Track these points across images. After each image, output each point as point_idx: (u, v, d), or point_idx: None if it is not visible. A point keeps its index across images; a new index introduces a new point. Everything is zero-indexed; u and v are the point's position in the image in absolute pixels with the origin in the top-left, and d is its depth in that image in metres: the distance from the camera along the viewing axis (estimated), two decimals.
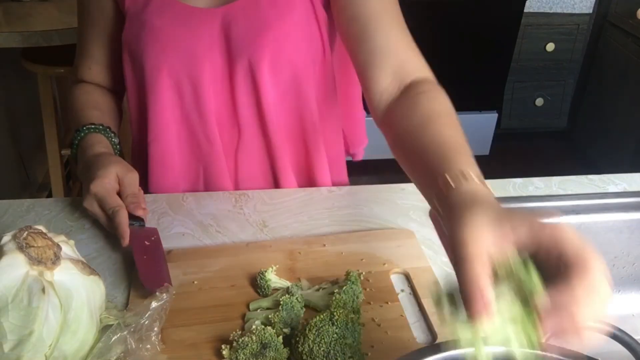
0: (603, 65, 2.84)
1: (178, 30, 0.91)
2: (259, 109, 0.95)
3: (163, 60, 0.91)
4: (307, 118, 0.98)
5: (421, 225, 0.91)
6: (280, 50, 0.91)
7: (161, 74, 0.92)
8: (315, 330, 0.64)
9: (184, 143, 0.98)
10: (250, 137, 0.98)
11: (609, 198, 0.99)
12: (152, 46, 0.91)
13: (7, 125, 2.24)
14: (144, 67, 0.92)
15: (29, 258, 0.60)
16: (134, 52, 0.93)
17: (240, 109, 0.95)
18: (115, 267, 0.80)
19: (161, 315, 0.66)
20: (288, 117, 0.98)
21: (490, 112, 2.87)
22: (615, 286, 0.68)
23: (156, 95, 0.93)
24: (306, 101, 0.97)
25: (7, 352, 0.57)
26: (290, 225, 0.89)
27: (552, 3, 2.76)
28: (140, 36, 0.92)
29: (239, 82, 0.92)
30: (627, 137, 2.63)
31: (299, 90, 0.95)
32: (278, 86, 0.94)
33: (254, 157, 1.00)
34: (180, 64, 0.91)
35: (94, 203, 0.82)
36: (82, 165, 0.89)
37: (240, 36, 0.90)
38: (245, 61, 0.90)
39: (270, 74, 0.91)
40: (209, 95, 0.93)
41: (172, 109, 0.95)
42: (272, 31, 0.89)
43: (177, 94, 0.94)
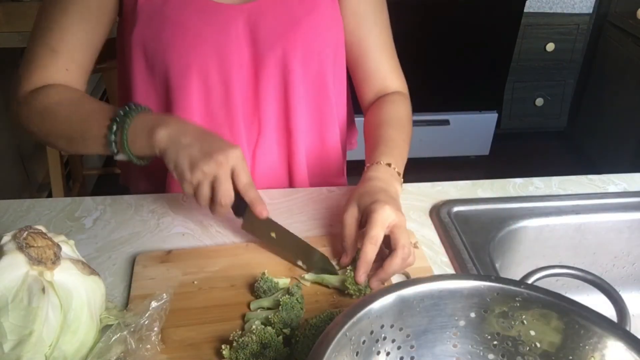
0: (603, 65, 2.83)
1: (204, 27, 0.90)
2: (285, 104, 0.97)
3: (191, 58, 0.90)
4: (326, 114, 1.02)
5: (421, 225, 0.91)
6: (310, 44, 0.93)
7: (190, 72, 0.90)
8: (315, 330, 0.65)
9: None
10: (269, 134, 0.99)
11: (609, 198, 0.99)
12: (179, 44, 0.89)
13: (7, 125, 2.23)
14: (169, 65, 0.90)
15: (29, 258, 0.60)
16: (153, 51, 0.90)
17: (264, 105, 0.96)
18: (115, 267, 0.80)
19: (161, 315, 0.66)
20: (309, 110, 1.00)
21: (490, 112, 2.87)
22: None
23: (184, 93, 0.92)
24: (326, 94, 1.00)
25: (7, 352, 0.57)
26: (290, 225, 0.89)
27: (552, 3, 2.76)
28: (162, 34, 0.89)
29: (267, 78, 0.93)
30: (627, 137, 2.62)
31: (322, 83, 0.98)
32: (306, 80, 0.96)
33: (272, 154, 1.01)
34: (210, 60, 0.90)
35: (228, 166, 0.74)
36: (190, 127, 0.79)
37: (270, 31, 0.91)
38: (278, 55, 0.92)
39: (301, 67, 0.94)
40: (236, 91, 0.94)
41: (198, 107, 0.94)
42: (302, 25, 0.92)
43: (206, 91, 0.93)
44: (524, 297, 0.58)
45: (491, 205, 0.95)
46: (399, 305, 0.57)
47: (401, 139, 0.94)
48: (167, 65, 0.90)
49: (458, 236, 0.87)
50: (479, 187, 1.01)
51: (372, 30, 0.99)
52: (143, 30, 0.90)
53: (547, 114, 3.07)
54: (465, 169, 2.94)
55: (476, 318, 0.60)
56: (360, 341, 0.55)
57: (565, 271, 0.69)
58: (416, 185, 1.01)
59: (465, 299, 0.59)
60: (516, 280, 0.60)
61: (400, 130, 0.96)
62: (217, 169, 0.74)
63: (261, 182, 1.02)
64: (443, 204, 0.95)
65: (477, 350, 0.62)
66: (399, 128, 0.96)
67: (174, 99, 0.93)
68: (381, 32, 1.01)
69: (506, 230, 0.92)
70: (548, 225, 0.94)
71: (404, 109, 1.01)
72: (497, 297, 0.59)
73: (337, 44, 0.99)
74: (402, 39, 2.44)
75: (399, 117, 0.98)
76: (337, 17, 0.97)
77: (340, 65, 1.02)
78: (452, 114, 2.83)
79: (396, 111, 0.99)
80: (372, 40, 1.00)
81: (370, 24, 0.99)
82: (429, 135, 2.85)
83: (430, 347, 0.61)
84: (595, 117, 2.92)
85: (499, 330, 0.60)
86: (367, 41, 1.00)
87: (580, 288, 0.96)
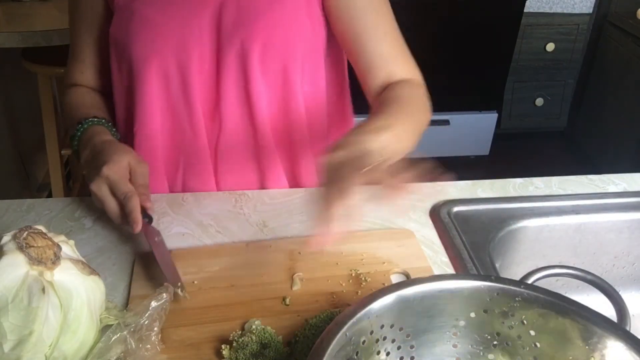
0: (603, 65, 2.83)
1: (168, 20, 0.91)
2: (247, 100, 0.95)
3: (152, 50, 0.91)
4: (293, 112, 0.98)
5: (421, 225, 0.91)
6: (270, 38, 0.91)
7: (150, 63, 0.92)
8: (315, 330, 0.65)
9: (167, 133, 0.98)
10: (233, 129, 0.97)
11: (609, 198, 0.99)
12: (141, 36, 0.91)
13: (7, 125, 2.24)
14: (132, 57, 0.92)
15: (29, 258, 0.60)
16: (121, 43, 0.93)
17: (225, 100, 0.95)
18: (115, 267, 0.80)
19: (161, 315, 0.66)
20: (275, 109, 0.97)
21: (490, 112, 2.87)
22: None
23: (144, 86, 0.93)
24: (293, 95, 0.97)
25: (7, 352, 0.57)
26: (290, 225, 0.89)
27: (552, 3, 2.76)
28: (128, 27, 0.92)
29: (227, 71, 0.92)
30: (627, 137, 2.62)
31: (287, 84, 0.95)
32: (267, 76, 0.94)
33: (237, 151, 0.99)
34: (170, 53, 0.91)
35: (103, 187, 0.80)
36: (90, 151, 0.88)
37: (231, 23, 0.90)
38: (236, 48, 0.91)
39: (260, 62, 0.92)
40: (196, 85, 0.93)
41: (158, 99, 0.95)
42: (263, 19, 0.90)
43: (165, 83, 0.94)
44: (524, 297, 0.58)
45: (491, 205, 0.95)
46: (399, 305, 0.57)
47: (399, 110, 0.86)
48: (130, 57, 0.93)
49: (458, 236, 0.87)
50: (479, 187, 1.01)
51: (367, 18, 0.93)
52: (115, 24, 0.94)
53: (547, 114, 3.07)
54: (465, 169, 2.94)
55: (476, 318, 0.60)
56: (360, 341, 0.55)
57: (565, 271, 0.70)
58: (416, 185, 1.00)
59: (465, 299, 0.59)
60: (516, 280, 0.60)
61: (400, 103, 0.88)
62: (98, 190, 0.81)
63: (227, 179, 1.01)
64: (443, 204, 0.95)
65: (477, 350, 0.62)
66: (398, 102, 0.88)
67: (136, 93, 0.94)
68: (378, 19, 0.94)
69: (506, 230, 0.92)
70: (548, 225, 0.94)
71: (409, 90, 0.93)
72: (497, 297, 0.59)
73: (311, 41, 0.95)
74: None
75: (400, 95, 0.90)
76: (312, 14, 0.94)
77: (315, 64, 0.98)
78: (452, 114, 2.83)
79: (399, 92, 0.91)
80: (368, 29, 0.93)
81: (363, 12, 0.93)
82: (429, 135, 2.81)
83: (430, 347, 0.61)
84: (595, 117, 2.92)
85: (499, 330, 0.60)
86: (363, 30, 0.93)
87: (580, 288, 0.96)
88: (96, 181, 0.80)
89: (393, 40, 0.96)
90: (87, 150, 0.88)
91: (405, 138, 0.81)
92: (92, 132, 0.91)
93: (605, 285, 0.66)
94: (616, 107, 2.74)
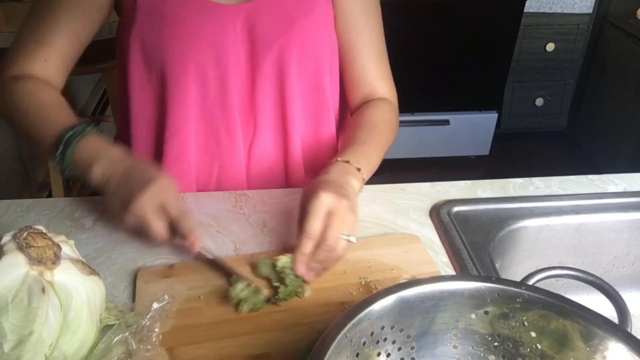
0: (603, 65, 2.83)
1: (202, 24, 0.90)
2: (282, 102, 0.97)
3: (190, 55, 0.90)
4: (323, 114, 1.02)
5: (421, 225, 0.91)
6: (306, 43, 0.94)
7: (187, 68, 0.91)
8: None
9: (201, 138, 0.98)
10: (265, 132, 0.99)
11: (609, 198, 0.99)
12: (177, 41, 0.90)
13: (7, 125, 2.23)
14: (166, 61, 0.91)
15: (29, 258, 0.60)
16: (150, 47, 0.91)
17: (260, 104, 0.96)
18: (115, 267, 0.80)
19: (162, 317, 0.66)
20: (306, 109, 1.00)
21: (490, 112, 2.87)
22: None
23: (180, 90, 0.92)
24: (323, 96, 1.00)
25: (7, 352, 0.57)
26: (290, 225, 0.89)
27: (552, 3, 2.76)
28: (161, 30, 0.90)
29: (263, 76, 0.94)
30: (627, 137, 2.62)
31: (318, 82, 0.99)
32: (302, 79, 0.96)
33: (268, 152, 1.01)
34: (207, 58, 0.91)
35: (150, 207, 0.74)
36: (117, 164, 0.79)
37: (267, 31, 0.92)
38: (274, 54, 0.92)
39: (297, 66, 0.94)
40: (233, 89, 0.94)
41: (195, 104, 0.94)
42: (299, 25, 0.92)
43: (203, 88, 0.93)
44: (525, 298, 0.58)
45: (491, 205, 0.95)
46: (399, 306, 0.57)
47: (372, 141, 0.92)
48: (164, 62, 0.91)
49: (458, 236, 0.87)
50: (479, 187, 1.01)
51: (361, 33, 0.99)
52: (142, 27, 0.91)
53: (547, 114, 3.07)
54: (465, 169, 2.94)
55: (477, 319, 0.60)
56: (361, 342, 0.55)
57: (566, 272, 0.69)
58: (416, 185, 1.01)
59: (466, 300, 0.59)
60: (517, 282, 0.60)
61: (373, 132, 0.94)
62: (138, 218, 0.74)
63: (257, 180, 1.02)
64: (443, 204, 0.94)
65: (478, 351, 0.62)
66: (373, 132, 0.94)
67: (170, 96, 0.93)
68: (371, 37, 1.00)
69: (506, 230, 0.92)
70: (548, 225, 0.94)
71: (384, 113, 0.99)
72: (498, 299, 0.59)
73: (332, 44, 0.99)
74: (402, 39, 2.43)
75: (375, 120, 0.97)
76: (331, 20, 0.98)
77: (336, 65, 1.02)
78: (452, 114, 2.83)
79: (375, 114, 0.98)
80: (361, 44, 0.99)
81: (360, 27, 0.98)
82: (429, 135, 2.85)
83: (431, 348, 0.61)
84: (595, 117, 2.92)
85: (500, 331, 0.60)
86: (356, 44, 0.99)
87: (580, 288, 0.96)
88: (142, 200, 0.74)
89: (381, 60, 1.02)
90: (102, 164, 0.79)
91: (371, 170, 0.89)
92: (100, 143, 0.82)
93: (606, 286, 0.66)
94: (616, 107, 2.74)
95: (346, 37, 0.99)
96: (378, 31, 1.01)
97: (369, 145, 0.91)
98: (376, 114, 0.98)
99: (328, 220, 0.73)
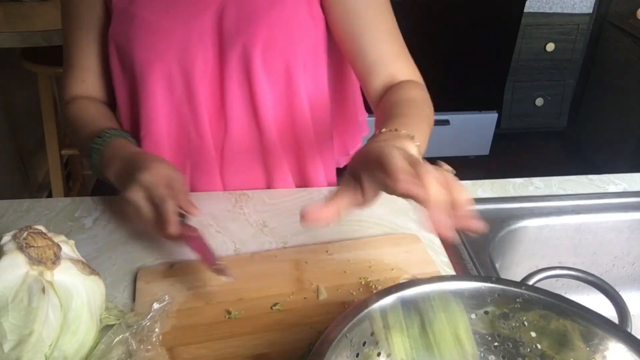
0: (603, 65, 2.83)
1: (169, 23, 0.90)
2: (251, 101, 0.94)
3: (154, 54, 0.90)
4: (298, 114, 0.98)
5: (421, 225, 0.91)
6: (272, 38, 0.90)
7: (153, 67, 0.91)
8: None
9: (173, 138, 0.97)
10: (238, 131, 0.97)
11: (609, 198, 0.99)
12: (143, 40, 0.90)
13: (7, 125, 2.23)
14: (134, 61, 0.91)
15: (29, 258, 0.60)
16: (122, 47, 0.92)
17: (230, 102, 0.94)
18: (115, 267, 0.80)
19: (162, 317, 0.66)
20: (279, 110, 0.97)
21: (490, 112, 2.87)
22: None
23: (147, 90, 0.92)
24: (297, 94, 0.96)
25: (7, 352, 0.57)
26: (290, 225, 0.89)
27: (552, 3, 2.76)
28: (129, 30, 0.90)
29: (231, 73, 0.92)
30: (627, 137, 2.62)
31: (290, 84, 0.95)
32: (270, 77, 0.93)
33: (243, 152, 0.99)
34: (172, 56, 0.90)
35: (139, 193, 0.75)
36: (121, 163, 0.82)
37: (232, 25, 0.90)
38: (239, 49, 0.90)
39: (262, 63, 0.91)
40: (200, 88, 0.93)
41: (163, 104, 0.94)
42: (264, 19, 0.89)
43: (169, 88, 0.93)
44: (525, 298, 0.58)
45: (491, 205, 0.95)
46: (399, 306, 0.57)
47: (414, 113, 0.81)
48: (133, 62, 0.91)
49: (458, 236, 0.87)
50: (479, 187, 1.01)
51: (363, 14, 0.91)
52: (115, 27, 0.92)
53: (547, 114, 3.07)
54: (465, 169, 2.94)
55: (477, 319, 0.60)
56: (361, 342, 0.55)
57: (566, 272, 0.69)
58: None
59: (466, 300, 0.59)
60: (517, 282, 0.60)
61: (412, 106, 0.84)
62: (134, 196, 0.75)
63: (234, 181, 1.00)
64: None
65: (478, 351, 0.61)
66: (410, 104, 0.84)
67: (140, 96, 0.93)
68: (376, 15, 0.92)
69: (506, 230, 0.92)
70: (548, 225, 0.94)
71: (418, 92, 0.90)
72: (498, 299, 0.59)
73: (311, 41, 0.94)
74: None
75: (410, 96, 0.87)
76: (313, 12, 0.92)
77: (317, 63, 0.97)
78: (452, 114, 2.83)
79: (408, 92, 0.89)
80: (365, 26, 0.91)
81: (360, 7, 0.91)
82: None
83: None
84: (595, 117, 2.92)
85: (500, 331, 0.60)
86: (367, 27, 0.91)
87: (580, 288, 0.96)
88: (131, 188, 0.75)
89: (394, 40, 0.93)
90: (116, 163, 0.83)
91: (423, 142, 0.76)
92: (117, 145, 0.86)
93: (606, 287, 0.66)
94: (616, 107, 2.74)
95: (351, 24, 0.91)
96: (386, 11, 0.93)
97: (413, 117, 0.79)
98: (409, 92, 0.89)
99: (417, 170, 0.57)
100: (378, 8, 0.92)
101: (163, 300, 0.66)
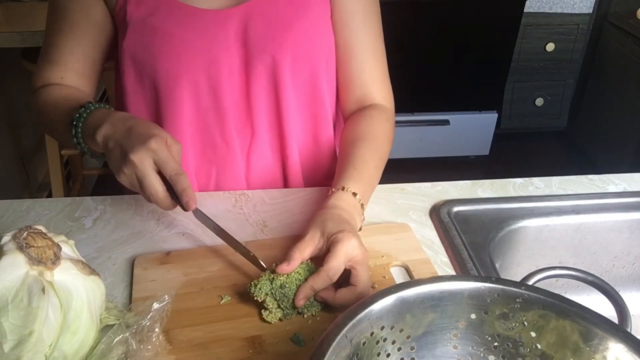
0: (603, 65, 2.83)
1: (192, 35, 0.90)
2: (277, 108, 0.96)
3: (180, 67, 0.90)
4: (320, 115, 1.00)
5: (421, 225, 0.91)
6: (300, 48, 0.92)
7: (180, 79, 0.91)
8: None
9: (197, 146, 0.98)
10: (263, 137, 0.98)
11: (609, 198, 0.99)
12: (167, 53, 0.89)
13: (7, 126, 2.23)
14: (158, 74, 0.90)
15: (29, 258, 0.60)
16: (141, 61, 0.91)
17: (256, 110, 0.96)
18: (115, 267, 0.80)
19: (162, 317, 0.66)
20: (302, 114, 0.99)
21: (490, 112, 2.87)
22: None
23: (174, 101, 0.92)
24: (319, 98, 0.99)
25: (7, 352, 0.57)
26: (290, 225, 0.89)
27: (552, 3, 2.76)
28: (152, 44, 0.90)
29: (257, 82, 0.93)
30: (627, 137, 2.63)
31: (314, 87, 0.97)
32: (297, 84, 0.95)
33: (266, 157, 1.01)
34: (199, 69, 0.91)
35: (147, 160, 0.72)
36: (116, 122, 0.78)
37: (259, 35, 0.90)
38: (267, 59, 0.91)
39: (291, 71, 0.93)
40: (227, 97, 0.93)
41: (189, 115, 0.94)
42: (291, 30, 0.91)
43: (195, 97, 0.93)
44: (525, 298, 0.58)
45: (491, 205, 0.95)
46: (399, 306, 0.57)
47: (373, 163, 0.90)
48: (156, 74, 0.91)
49: (458, 236, 0.87)
50: (479, 187, 1.01)
51: (359, 32, 0.96)
52: (132, 40, 0.91)
53: (547, 114, 3.07)
54: (465, 169, 2.94)
55: (476, 319, 0.60)
56: (361, 342, 0.55)
57: (566, 272, 0.69)
58: (416, 185, 1.01)
59: (466, 300, 0.59)
60: (516, 282, 0.60)
61: (374, 151, 0.91)
62: (135, 169, 0.72)
63: (256, 185, 1.02)
64: (443, 204, 0.94)
65: (478, 351, 0.62)
66: (373, 149, 0.91)
67: (164, 107, 0.93)
68: (369, 36, 0.97)
69: (506, 230, 0.92)
70: (548, 225, 0.94)
71: (383, 126, 0.96)
72: (498, 299, 0.59)
73: (329, 48, 0.97)
74: (403, 39, 2.44)
75: (375, 135, 0.93)
76: (328, 21, 0.96)
77: (332, 66, 1.00)
78: (452, 114, 2.83)
79: (374, 128, 0.94)
80: (358, 43, 0.96)
81: (358, 24, 0.96)
82: (429, 135, 2.85)
83: (431, 348, 0.61)
84: (595, 117, 2.92)
85: (500, 331, 0.60)
86: (353, 43, 0.96)
87: (580, 288, 0.96)
88: (139, 152, 0.72)
89: (378, 64, 0.99)
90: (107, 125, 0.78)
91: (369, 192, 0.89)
92: (105, 112, 0.82)
93: (605, 287, 0.66)
94: (616, 107, 2.74)
95: (343, 35, 0.96)
96: (377, 32, 0.98)
97: (371, 170, 0.89)
98: (376, 127, 0.95)
99: (358, 268, 0.73)
100: (372, 30, 0.98)
101: (163, 300, 0.66)
